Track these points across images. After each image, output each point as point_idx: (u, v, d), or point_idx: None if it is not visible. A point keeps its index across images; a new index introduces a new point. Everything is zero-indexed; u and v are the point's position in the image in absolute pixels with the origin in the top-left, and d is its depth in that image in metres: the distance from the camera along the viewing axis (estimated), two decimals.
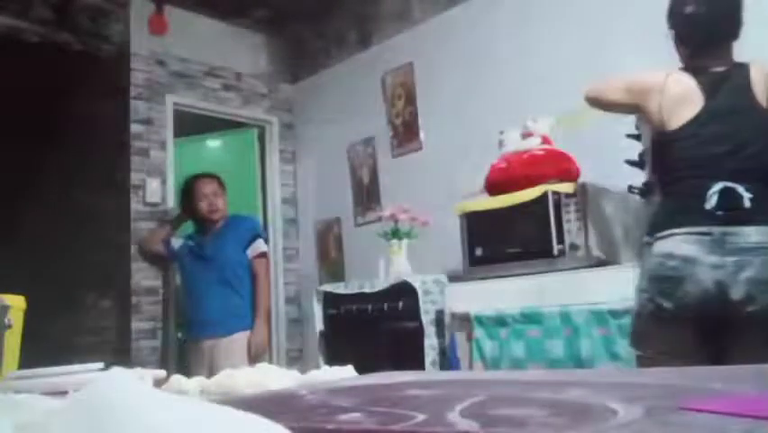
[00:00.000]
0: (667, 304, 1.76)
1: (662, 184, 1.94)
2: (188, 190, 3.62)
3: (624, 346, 2.36)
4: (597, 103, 2.12)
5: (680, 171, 1.84)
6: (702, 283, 1.72)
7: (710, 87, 1.84)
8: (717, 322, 1.74)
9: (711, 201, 1.73)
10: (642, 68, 2.92)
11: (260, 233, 3.68)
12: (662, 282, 1.78)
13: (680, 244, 1.76)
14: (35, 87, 3.56)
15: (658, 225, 1.84)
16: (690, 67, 1.91)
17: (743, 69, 1.87)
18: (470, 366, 2.79)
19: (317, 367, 1.08)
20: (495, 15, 3.64)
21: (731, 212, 1.73)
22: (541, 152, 2.93)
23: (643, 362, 1.84)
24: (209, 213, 3.55)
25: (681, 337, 1.75)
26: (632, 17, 3.01)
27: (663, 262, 1.78)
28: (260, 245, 3.55)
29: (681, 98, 1.85)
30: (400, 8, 4.23)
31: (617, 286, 2.47)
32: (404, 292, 3.23)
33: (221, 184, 3.63)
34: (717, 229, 1.73)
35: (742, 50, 2.57)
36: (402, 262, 3.48)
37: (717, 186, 1.74)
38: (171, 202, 4.10)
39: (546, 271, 2.73)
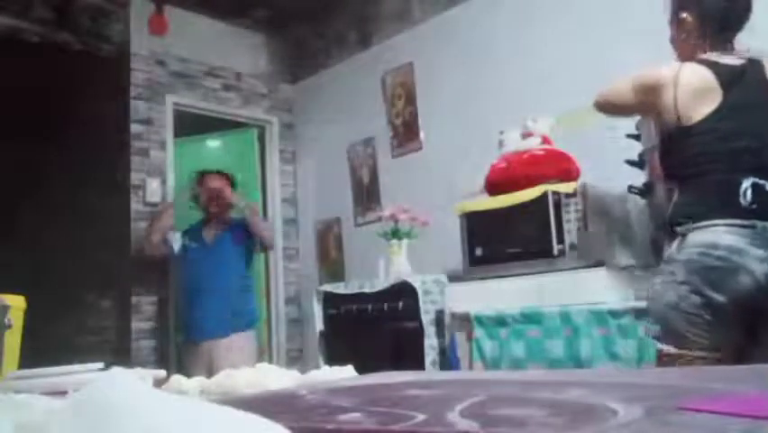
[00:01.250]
0: (719, 296, 1.65)
1: (678, 178, 1.87)
2: (197, 184, 3.71)
3: (624, 346, 2.36)
4: (608, 108, 2.04)
5: (700, 166, 1.78)
6: (754, 274, 1.65)
7: (728, 81, 1.79)
8: (762, 316, 1.68)
9: (747, 196, 1.69)
10: (640, 67, 2.93)
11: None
12: (708, 273, 1.67)
13: (722, 234, 1.68)
14: (35, 87, 3.56)
15: (691, 215, 1.74)
16: (703, 58, 1.84)
17: (757, 64, 1.82)
18: (470, 366, 2.79)
19: (317, 367, 1.07)
20: (495, 15, 3.64)
21: (763, 207, 1.69)
22: (541, 152, 2.93)
23: (674, 360, 1.70)
24: (207, 203, 3.60)
25: (732, 332, 1.68)
26: (633, 16, 3.01)
27: (706, 252, 1.68)
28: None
29: (699, 91, 1.78)
30: (400, 8, 4.23)
31: (617, 286, 2.47)
32: (404, 292, 3.23)
33: (228, 182, 3.68)
34: (759, 222, 1.68)
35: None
36: (402, 262, 3.48)
37: (748, 181, 1.70)
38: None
39: (546, 271, 2.73)
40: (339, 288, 3.66)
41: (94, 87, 3.88)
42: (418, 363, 3.04)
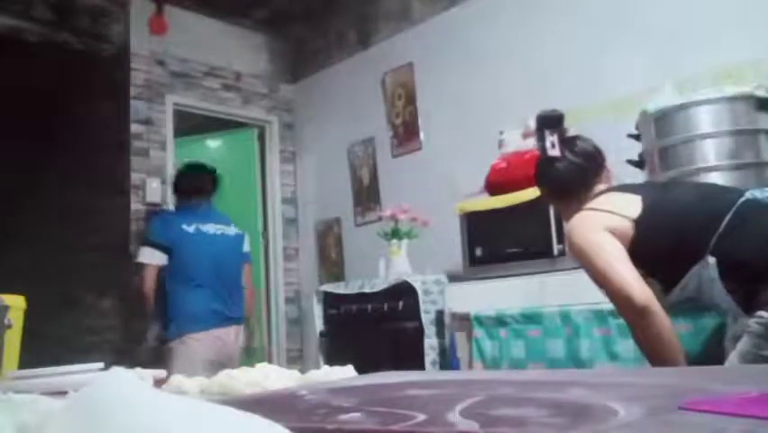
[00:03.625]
0: None
1: None
2: None
3: (624, 346, 2.36)
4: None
5: None
6: None
7: None
8: None
9: None
10: (640, 68, 2.92)
11: (147, 236, 3.42)
12: None
13: None
14: (35, 87, 3.56)
15: None
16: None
17: None
18: (470, 366, 2.79)
19: (317, 367, 1.07)
20: (495, 15, 3.64)
21: None
22: None
23: None
24: None
25: None
26: (632, 17, 3.01)
27: None
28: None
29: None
30: (400, 8, 4.23)
31: None
32: (404, 292, 3.23)
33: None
34: None
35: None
36: (402, 262, 3.48)
37: None
38: (171, 202, 4.10)
39: (546, 271, 2.73)
40: (339, 288, 3.66)
41: (94, 87, 3.88)
42: (418, 363, 3.04)
